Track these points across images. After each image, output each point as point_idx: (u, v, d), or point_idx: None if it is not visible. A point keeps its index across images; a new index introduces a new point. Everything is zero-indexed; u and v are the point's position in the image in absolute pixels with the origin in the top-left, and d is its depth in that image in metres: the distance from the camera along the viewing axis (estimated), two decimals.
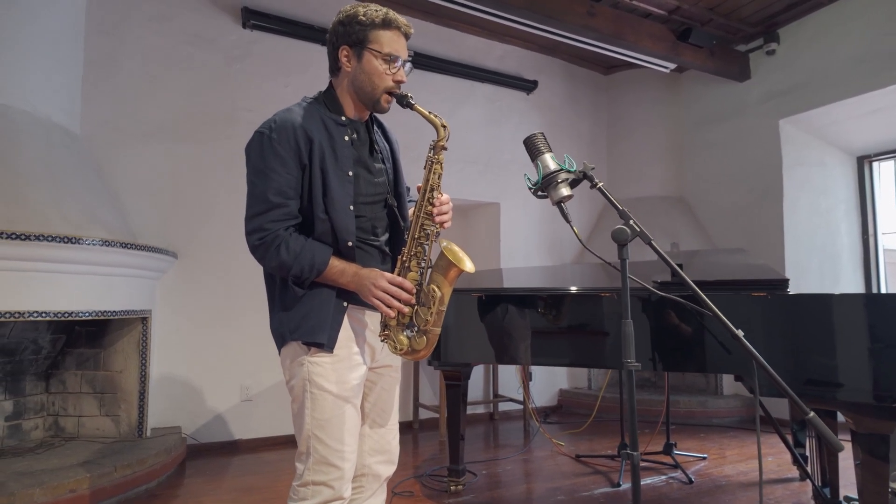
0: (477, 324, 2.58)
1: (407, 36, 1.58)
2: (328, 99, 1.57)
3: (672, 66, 4.90)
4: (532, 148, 1.40)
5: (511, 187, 5.24)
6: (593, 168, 1.35)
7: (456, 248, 1.50)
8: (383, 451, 1.63)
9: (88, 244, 2.83)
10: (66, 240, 2.73)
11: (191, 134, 3.89)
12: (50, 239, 2.67)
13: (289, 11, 4.21)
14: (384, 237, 1.62)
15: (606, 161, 5.94)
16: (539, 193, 1.40)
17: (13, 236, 2.56)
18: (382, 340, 1.52)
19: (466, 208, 5.46)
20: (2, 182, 2.77)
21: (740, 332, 1.23)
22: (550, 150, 1.40)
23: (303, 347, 1.46)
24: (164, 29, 3.83)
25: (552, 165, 1.37)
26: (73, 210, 2.99)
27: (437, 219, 1.52)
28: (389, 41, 1.52)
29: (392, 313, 1.45)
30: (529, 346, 2.47)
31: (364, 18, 1.50)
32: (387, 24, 1.52)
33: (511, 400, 4.76)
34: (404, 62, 1.55)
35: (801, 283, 4.73)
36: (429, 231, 1.52)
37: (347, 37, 1.51)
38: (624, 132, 5.83)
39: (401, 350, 1.48)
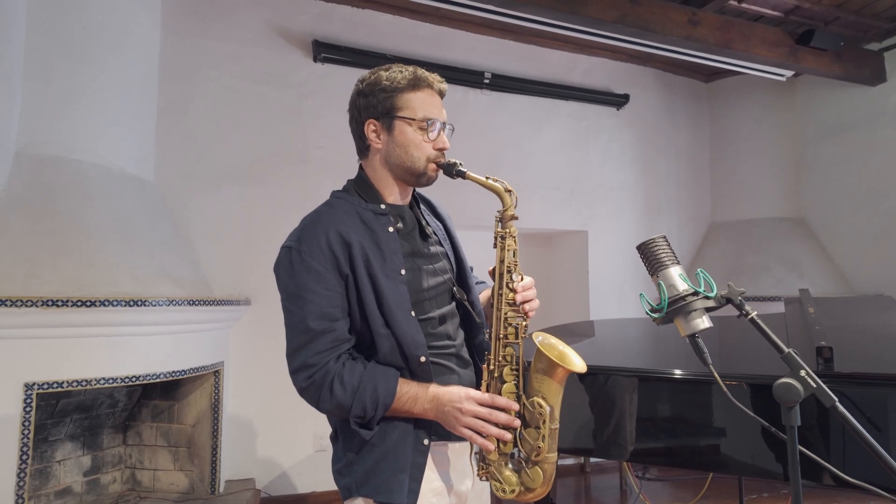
0: (564, 405, 2.21)
1: (441, 93, 1.27)
2: (361, 187, 1.29)
3: (789, 73, 4.27)
4: (651, 258, 1.02)
5: (599, 213, 4.79)
6: (743, 292, 0.96)
7: (554, 341, 1.17)
8: None
9: (154, 305, 2.73)
10: (131, 303, 2.64)
11: (263, 175, 3.77)
12: (115, 303, 2.58)
13: (359, 41, 4.01)
14: (459, 339, 1.31)
15: (710, 179, 5.32)
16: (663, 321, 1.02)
17: (78, 303, 2.48)
18: (483, 480, 1.19)
19: (550, 237, 5.06)
20: (74, 243, 2.72)
21: None
22: (678, 262, 1.01)
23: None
24: (236, 69, 3.74)
25: (682, 286, 0.98)
26: (143, 266, 2.91)
27: (525, 307, 1.20)
28: (423, 104, 1.23)
29: (490, 445, 1.13)
30: (630, 439, 2.07)
31: (388, 83, 1.22)
32: (416, 84, 1.23)
33: None
34: (444, 125, 1.26)
35: None
36: (516, 325, 1.20)
37: (372, 108, 1.24)
38: (729, 146, 5.20)
39: (512, 492, 1.14)
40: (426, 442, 1.18)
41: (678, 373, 2.05)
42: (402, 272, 1.22)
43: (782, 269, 4.60)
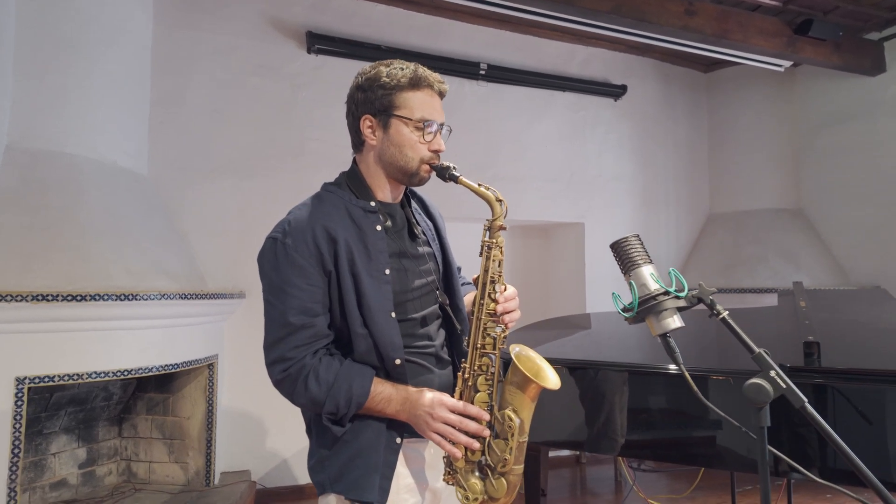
0: (556, 399, 2.21)
1: (441, 94, 1.26)
2: (352, 181, 1.28)
3: (787, 64, 4.23)
4: (624, 258, 1.02)
5: (596, 205, 4.78)
6: (714, 292, 0.95)
7: (531, 355, 1.17)
8: None
9: (146, 299, 2.73)
10: (123, 297, 2.64)
11: (258, 168, 3.76)
12: (107, 298, 2.58)
13: (354, 32, 3.98)
14: (439, 339, 1.31)
15: (708, 170, 5.29)
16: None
17: (69, 298, 2.49)
18: (448, 485, 1.21)
19: (547, 229, 5.05)
20: (67, 238, 2.72)
21: None
22: (650, 261, 1.01)
23: (346, 501, 1.18)
24: (229, 61, 3.72)
25: (653, 285, 0.98)
26: (137, 260, 2.91)
27: (505, 318, 1.20)
28: (421, 104, 1.21)
29: (458, 453, 1.14)
30: (622, 433, 2.07)
31: (388, 80, 1.20)
32: (416, 83, 1.21)
33: None
34: (441, 126, 1.24)
35: None
36: (494, 336, 1.20)
37: (369, 104, 1.22)
38: (728, 137, 5.16)
39: (475, 500, 1.16)
40: (398, 440, 1.19)
41: (672, 367, 2.04)
42: (387, 272, 1.22)
43: (780, 261, 4.58)
